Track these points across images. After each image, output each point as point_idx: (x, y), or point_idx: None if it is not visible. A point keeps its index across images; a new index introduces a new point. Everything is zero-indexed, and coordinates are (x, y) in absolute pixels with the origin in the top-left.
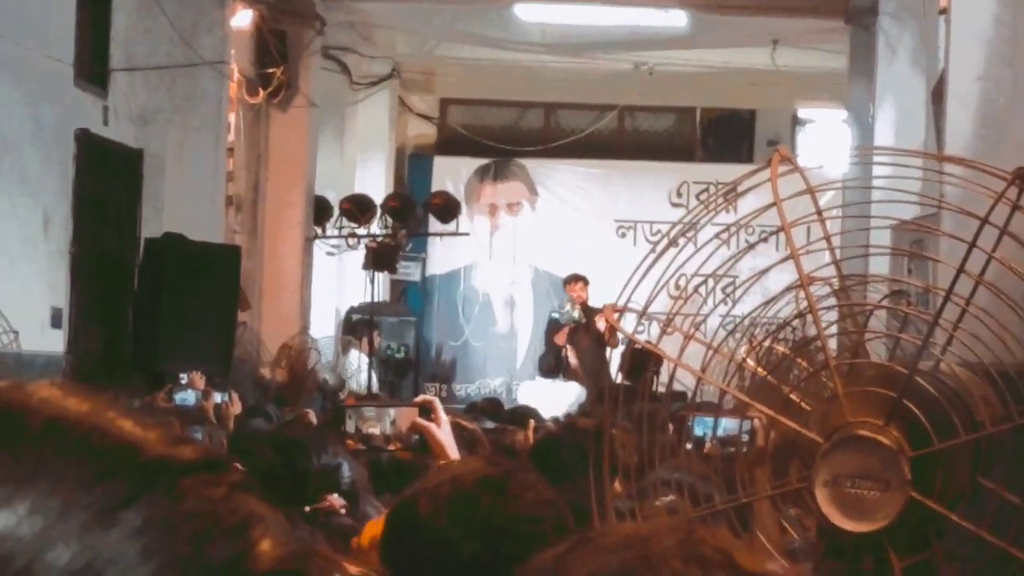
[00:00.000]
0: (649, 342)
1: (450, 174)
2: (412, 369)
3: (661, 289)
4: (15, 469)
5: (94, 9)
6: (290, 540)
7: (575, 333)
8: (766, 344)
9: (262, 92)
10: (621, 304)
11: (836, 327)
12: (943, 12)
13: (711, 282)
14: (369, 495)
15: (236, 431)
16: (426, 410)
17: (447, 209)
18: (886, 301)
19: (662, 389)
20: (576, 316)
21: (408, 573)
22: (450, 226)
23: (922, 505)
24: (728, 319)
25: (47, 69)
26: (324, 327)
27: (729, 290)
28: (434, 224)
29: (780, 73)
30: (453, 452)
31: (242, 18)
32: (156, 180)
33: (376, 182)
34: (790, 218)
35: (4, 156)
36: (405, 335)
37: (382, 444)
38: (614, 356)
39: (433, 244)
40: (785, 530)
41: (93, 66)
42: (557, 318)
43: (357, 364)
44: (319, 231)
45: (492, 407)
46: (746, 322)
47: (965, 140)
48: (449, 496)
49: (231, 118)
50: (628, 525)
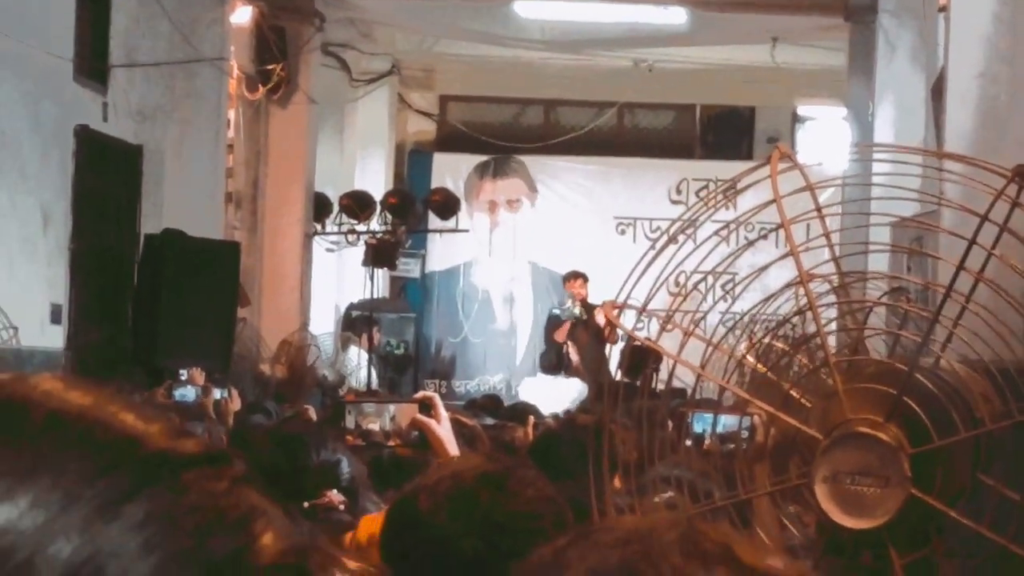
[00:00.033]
0: (648, 339)
1: (450, 171)
2: (411, 365)
3: (661, 286)
4: (17, 462)
5: (94, 6)
6: (292, 534)
7: (575, 329)
8: (766, 341)
9: (262, 88)
10: (620, 301)
11: (836, 324)
12: (942, 10)
13: (711, 279)
14: (369, 491)
15: (235, 427)
16: (426, 406)
17: (447, 206)
18: (886, 298)
19: (662, 386)
20: (577, 312)
21: (408, 569)
22: (450, 223)
23: (922, 502)
24: (728, 316)
25: (47, 65)
26: (324, 323)
27: (729, 287)
28: (434, 221)
29: (780, 70)
30: (453, 448)
31: (242, 15)
32: (156, 176)
33: (376, 179)
34: (790, 215)
35: (3, 152)
36: (405, 331)
37: (382, 440)
38: (614, 352)
39: (433, 241)
40: (785, 527)
41: (93, 62)
42: (558, 314)
43: (357, 360)
44: (319, 227)
45: (491, 404)
46: (746, 319)
47: (965, 137)
48: (449, 492)
49: (231, 114)
50: (629, 519)
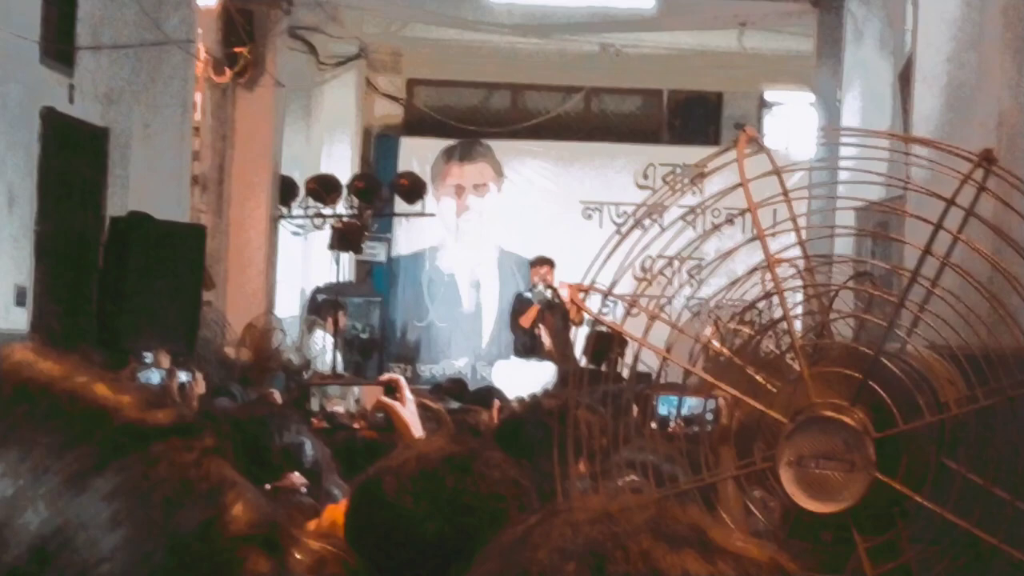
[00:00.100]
0: (614, 323)
1: (416, 155)
2: (377, 349)
3: (627, 270)
4: None
5: None
6: (262, 505)
7: (543, 313)
8: (732, 325)
9: (228, 72)
10: (587, 284)
11: (802, 307)
12: None
13: (676, 263)
14: (332, 474)
15: (200, 410)
16: (391, 388)
17: (413, 190)
18: (851, 282)
19: (627, 372)
20: (548, 295)
21: (373, 550)
22: (416, 207)
23: (887, 486)
24: (694, 301)
25: (12, 47)
26: (289, 307)
27: (695, 271)
28: (400, 205)
29: (747, 55)
30: (418, 430)
31: None
32: (122, 159)
33: (342, 162)
34: (756, 200)
35: None
36: (370, 315)
37: (347, 422)
38: (579, 335)
39: (399, 224)
40: (750, 512)
41: (59, 44)
42: (530, 297)
43: (322, 344)
44: (285, 211)
45: (457, 387)
46: (712, 303)
47: (932, 122)
48: (414, 475)
49: (197, 97)
50: (598, 499)
